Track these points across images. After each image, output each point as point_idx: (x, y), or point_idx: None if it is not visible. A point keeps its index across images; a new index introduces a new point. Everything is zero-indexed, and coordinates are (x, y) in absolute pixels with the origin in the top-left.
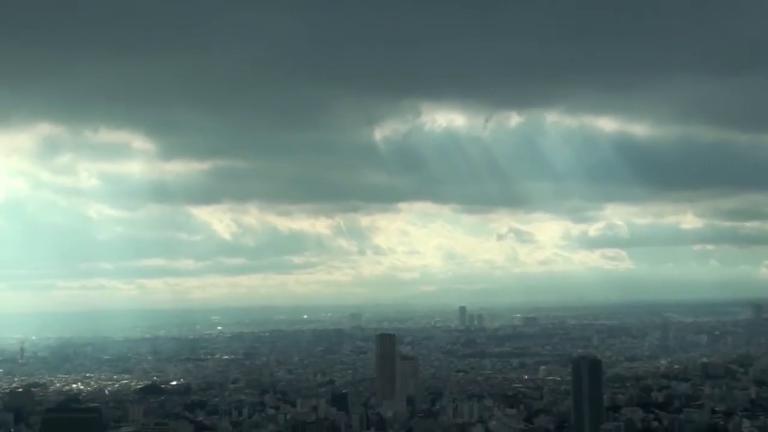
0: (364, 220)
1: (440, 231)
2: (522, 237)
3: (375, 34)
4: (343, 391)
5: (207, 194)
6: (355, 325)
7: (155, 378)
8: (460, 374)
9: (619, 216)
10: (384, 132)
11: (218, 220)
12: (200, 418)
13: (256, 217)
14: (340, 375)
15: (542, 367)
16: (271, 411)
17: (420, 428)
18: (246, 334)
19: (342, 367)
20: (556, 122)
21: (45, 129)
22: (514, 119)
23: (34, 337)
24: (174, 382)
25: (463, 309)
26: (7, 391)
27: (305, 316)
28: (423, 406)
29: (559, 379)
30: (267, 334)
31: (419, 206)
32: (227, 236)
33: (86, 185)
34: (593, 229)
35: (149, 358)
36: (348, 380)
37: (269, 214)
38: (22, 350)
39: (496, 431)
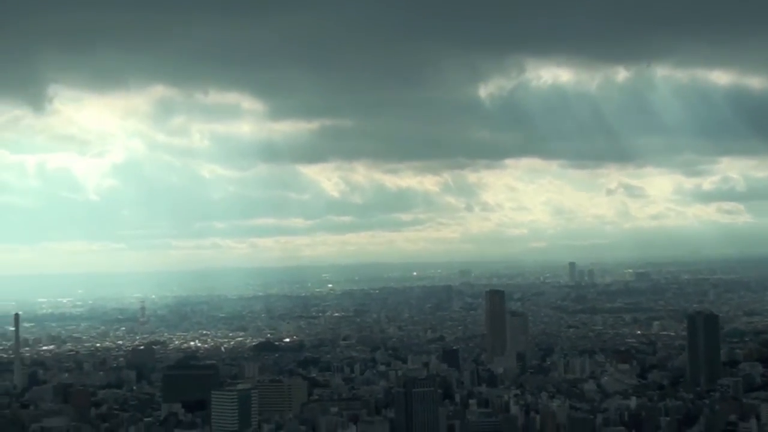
0: (471, 177)
1: (548, 187)
2: (632, 191)
3: None
4: (454, 348)
5: (315, 153)
6: (463, 282)
7: (269, 335)
8: (571, 330)
9: (736, 169)
10: (489, 88)
11: (326, 179)
12: (313, 375)
13: (363, 175)
14: (449, 331)
15: (656, 323)
16: (382, 367)
17: (531, 384)
18: (356, 292)
19: (452, 324)
20: (667, 76)
21: (159, 91)
22: (622, 74)
23: (153, 296)
24: (287, 339)
25: (572, 265)
26: (130, 348)
27: (414, 273)
28: (533, 362)
29: (673, 334)
30: (377, 291)
31: (526, 162)
32: (335, 194)
33: (199, 146)
34: (708, 183)
35: (263, 315)
36: (458, 336)
37: (376, 172)
38: (142, 309)
39: (608, 386)
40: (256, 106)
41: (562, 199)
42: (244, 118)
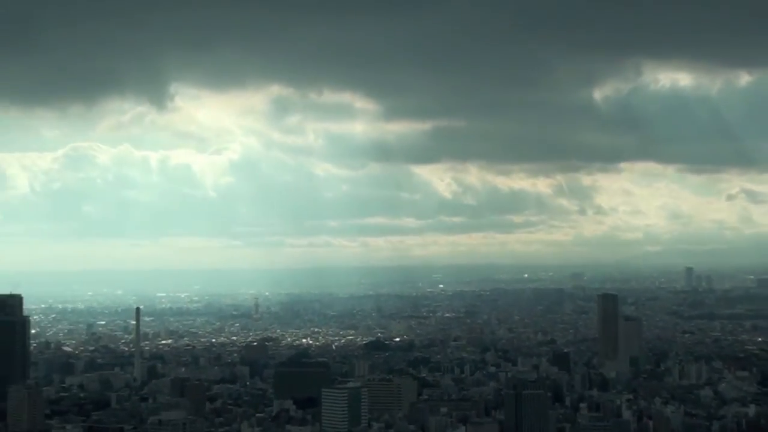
0: (585, 180)
1: (664, 191)
2: (755, 197)
3: None
4: (565, 351)
5: (427, 154)
6: (576, 285)
7: (379, 334)
8: (687, 335)
9: None
10: (604, 91)
11: (438, 179)
12: (423, 375)
13: (475, 176)
14: (561, 334)
15: None
16: (492, 369)
17: (644, 389)
18: (467, 293)
19: (563, 327)
20: None
21: (275, 90)
22: (745, 78)
23: (267, 293)
24: (397, 339)
25: (689, 270)
26: (244, 344)
27: (526, 275)
28: (647, 367)
29: None
30: (487, 292)
31: (642, 166)
32: (447, 195)
33: (313, 145)
34: None
35: (373, 314)
36: (569, 340)
37: (489, 174)
38: (256, 305)
39: (726, 393)
40: (369, 105)
41: (679, 204)
42: (358, 118)
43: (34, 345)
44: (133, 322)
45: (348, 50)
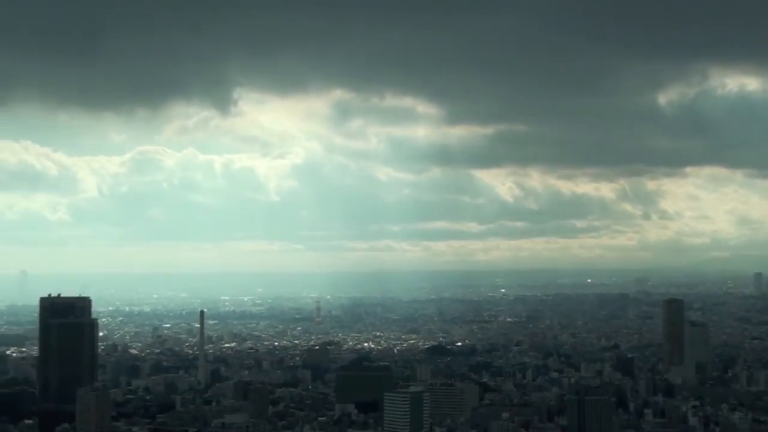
0: (649, 185)
1: (732, 196)
2: None
3: None
4: (629, 356)
5: (489, 158)
6: (640, 290)
7: (441, 339)
8: (756, 342)
9: None
10: (669, 95)
11: (500, 184)
12: (485, 379)
13: (538, 181)
14: (624, 340)
15: None
16: (555, 374)
17: (711, 395)
18: (529, 297)
19: (627, 332)
20: None
21: (338, 95)
22: None
23: (328, 297)
24: (459, 343)
25: (758, 275)
26: (306, 348)
27: (588, 280)
28: (714, 373)
29: None
30: (550, 297)
31: (708, 171)
32: (509, 199)
33: (375, 149)
34: None
35: (435, 318)
36: (633, 345)
37: (551, 178)
38: (318, 309)
39: None
40: (431, 110)
41: (748, 209)
42: (420, 122)
43: (102, 347)
44: (197, 325)
45: (410, 55)
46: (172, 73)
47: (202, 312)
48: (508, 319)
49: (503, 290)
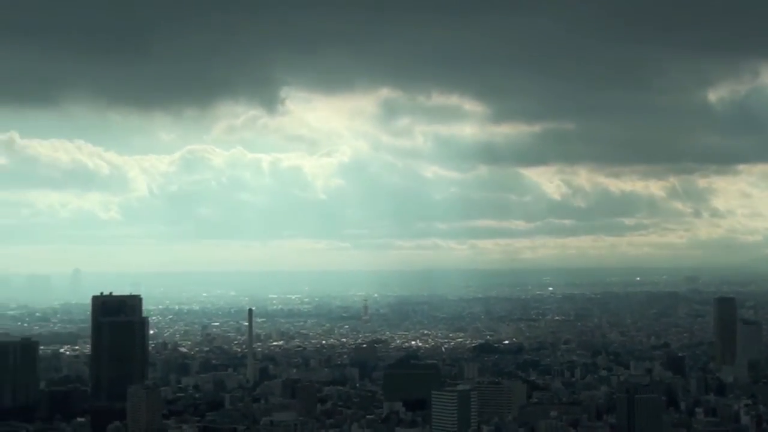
0: (700, 182)
1: None
2: None
3: None
4: (680, 355)
5: (536, 156)
6: (691, 288)
7: (488, 337)
8: None
9: None
10: (719, 93)
11: (548, 182)
12: (532, 378)
13: (585, 179)
14: (675, 338)
15: None
16: (604, 372)
17: (765, 394)
18: (577, 296)
19: (677, 330)
20: None
21: (384, 93)
22: None
23: (375, 295)
24: (506, 341)
25: None
26: (353, 346)
27: (638, 279)
28: (767, 372)
29: None
30: (598, 295)
31: (761, 168)
32: (557, 197)
33: (421, 147)
34: None
35: (482, 317)
36: (684, 343)
37: (599, 176)
38: (365, 307)
39: None
40: (477, 108)
41: None
42: (466, 121)
43: (153, 345)
44: (246, 324)
45: (456, 53)
46: (220, 72)
47: (250, 310)
48: (556, 318)
49: (551, 288)
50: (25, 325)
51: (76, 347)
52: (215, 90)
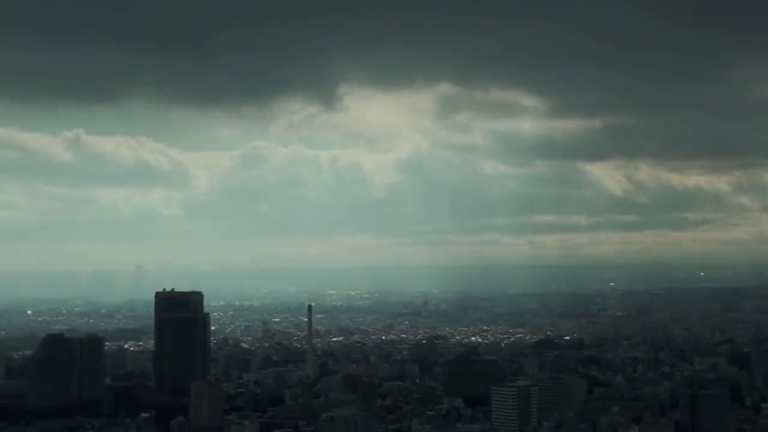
0: (766, 177)
1: None
2: None
3: None
4: (745, 350)
5: (597, 151)
6: (756, 284)
7: (549, 332)
8: None
9: None
10: None
11: (608, 177)
12: (593, 373)
13: (647, 174)
14: (740, 334)
15: None
16: (667, 368)
17: None
18: (638, 291)
19: (743, 326)
20: None
21: (443, 89)
22: None
23: (435, 291)
24: (567, 337)
25: None
26: (413, 342)
27: (702, 274)
28: None
29: None
30: (661, 291)
31: None
32: (618, 193)
33: (480, 143)
34: None
35: (542, 312)
36: (749, 339)
37: (661, 171)
38: (425, 303)
39: None
40: (536, 103)
41: None
42: (524, 116)
43: (214, 341)
44: (306, 319)
45: (515, 48)
46: (279, 69)
47: (310, 306)
48: (618, 313)
49: (612, 284)
50: (91, 321)
51: (140, 343)
52: (274, 87)
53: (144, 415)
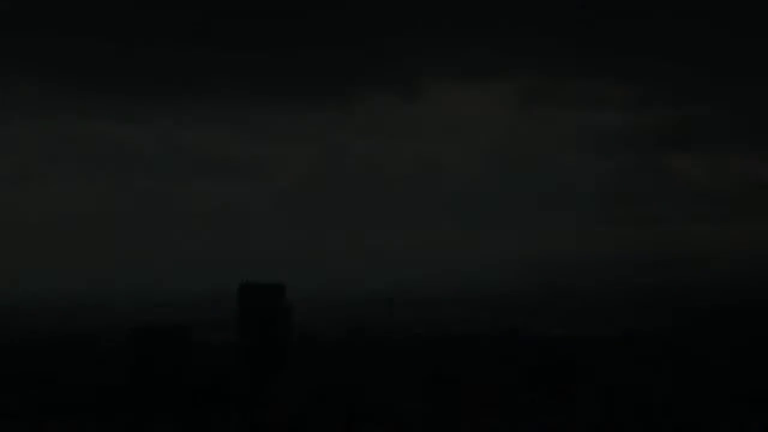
0: None
1: None
2: None
3: None
4: None
5: (683, 142)
6: None
7: None
8: None
9: None
10: None
11: (694, 167)
12: None
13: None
14: None
15: None
16: None
17: None
18: None
19: None
20: None
21: (527, 80)
22: None
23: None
24: None
25: None
26: None
27: None
28: None
29: None
30: None
31: None
32: (703, 183)
33: (564, 134)
34: None
35: None
36: None
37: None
38: None
39: None
40: (622, 93)
41: None
42: (610, 106)
43: (297, 333)
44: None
45: (598, 38)
46: (361, 61)
47: (390, 299)
48: None
49: None
50: (175, 311)
51: (225, 334)
52: (356, 79)
53: (226, 407)
